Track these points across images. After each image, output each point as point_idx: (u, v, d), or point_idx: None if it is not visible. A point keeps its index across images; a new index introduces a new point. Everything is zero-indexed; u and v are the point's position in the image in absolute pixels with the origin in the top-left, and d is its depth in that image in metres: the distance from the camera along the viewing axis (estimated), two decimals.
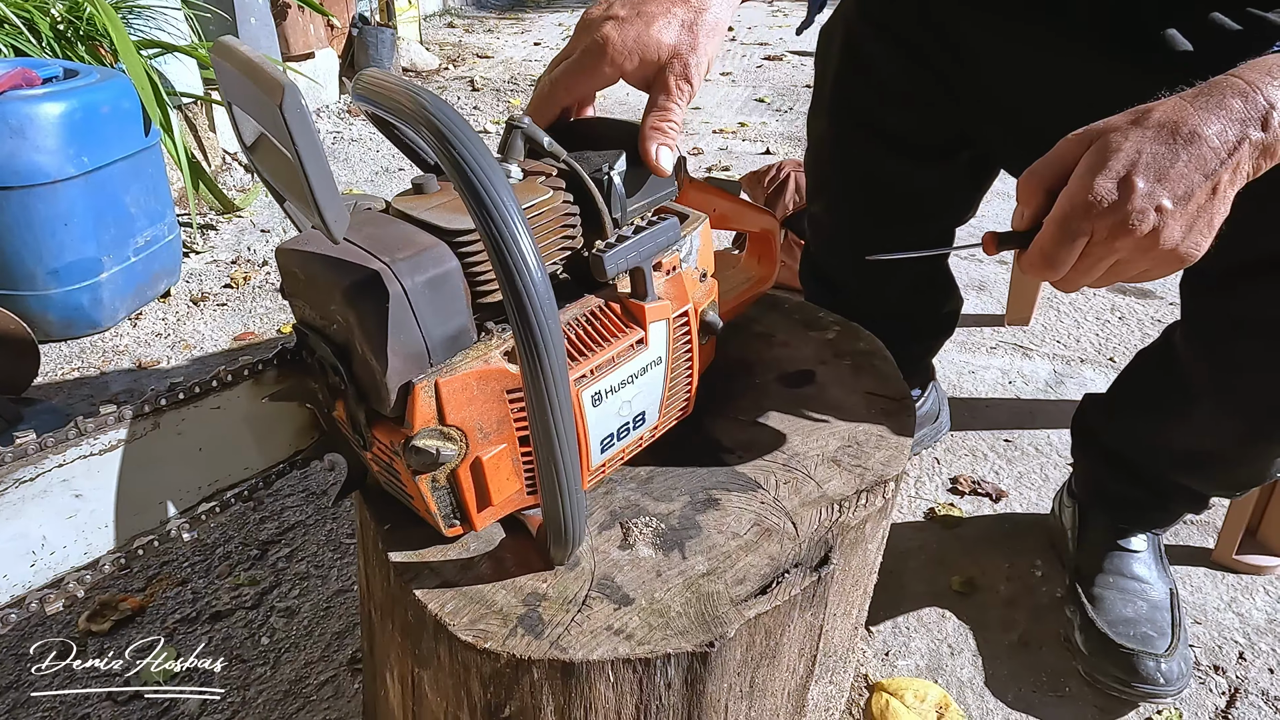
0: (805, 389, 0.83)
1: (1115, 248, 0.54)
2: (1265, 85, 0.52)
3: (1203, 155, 0.52)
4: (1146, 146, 0.52)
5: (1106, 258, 0.55)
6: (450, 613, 0.57)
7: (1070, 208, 0.53)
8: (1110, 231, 0.53)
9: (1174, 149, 0.52)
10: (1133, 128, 0.53)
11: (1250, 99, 0.52)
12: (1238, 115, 0.52)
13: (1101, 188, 0.52)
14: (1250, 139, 0.52)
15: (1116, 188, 0.52)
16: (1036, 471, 1.29)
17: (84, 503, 0.54)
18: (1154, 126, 0.53)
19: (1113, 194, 0.52)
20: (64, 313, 1.62)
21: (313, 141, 0.46)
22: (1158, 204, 0.52)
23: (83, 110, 1.53)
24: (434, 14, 5.25)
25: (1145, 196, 0.52)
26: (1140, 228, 0.52)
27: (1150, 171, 0.52)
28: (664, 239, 0.66)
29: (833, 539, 0.65)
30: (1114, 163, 0.52)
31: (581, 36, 0.66)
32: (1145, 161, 0.52)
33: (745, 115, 3.39)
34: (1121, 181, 0.52)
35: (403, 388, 0.53)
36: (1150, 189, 0.52)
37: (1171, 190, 0.52)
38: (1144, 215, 0.52)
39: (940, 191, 0.95)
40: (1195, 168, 0.52)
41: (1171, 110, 0.53)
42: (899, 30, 0.87)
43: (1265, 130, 0.52)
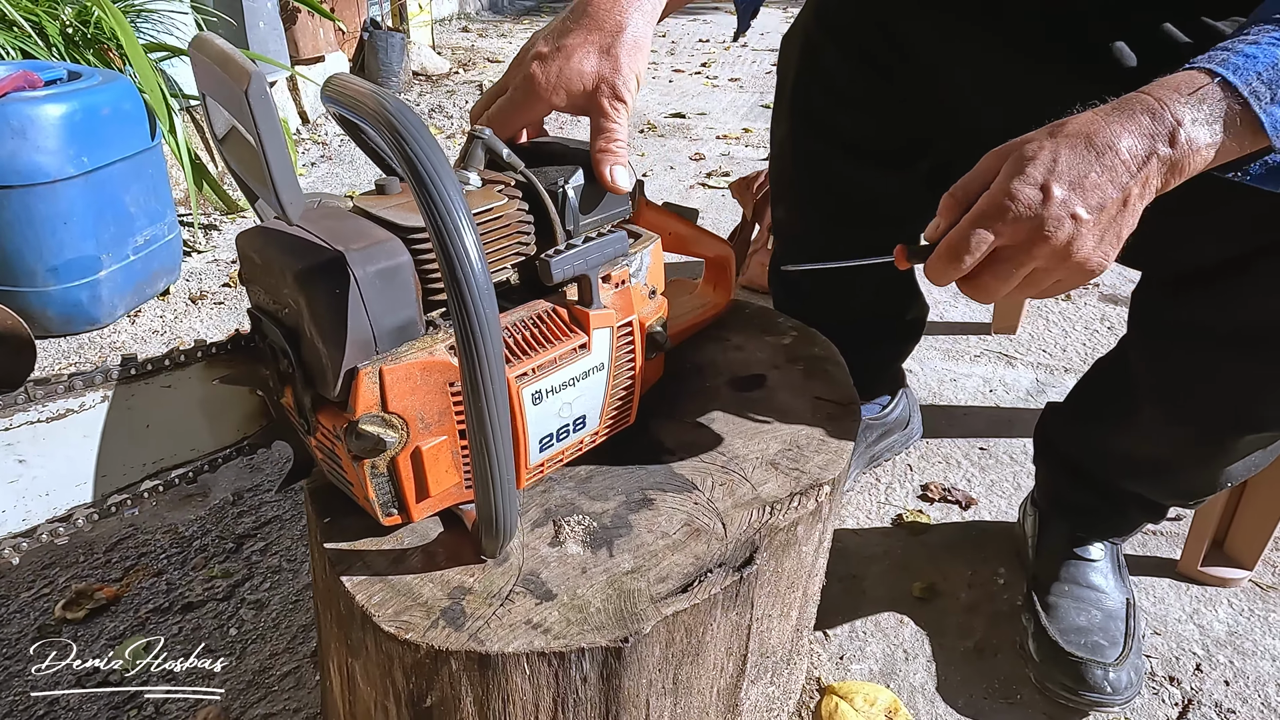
0: (754, 393, 0.84)
1: (1033, 255, 0.55)
2: (1173, 103, 0.53)
3: (1115, 167, 0.53)
4: (1063, 155, 0.53)
5: (1024, 264, 0.56)
6: (376, 604, 0.59)
7: (988, 207, 0.54)
8: (1028, 236, 0.54)
9: (1089, 159, 0.53)
10: (1049, 138, 0.55)
11: (1159, 116, 0.53)
12: (1147, 130, 0.53)
13: (1021, 192, 0.53)
14: (1159, 154, 0.53)
15: (1037, 193, 0.53)
16: (1009, 480, 1.29)
17: (27, 469, 0.57)
18: (1070, 136, 0.54)
19: (1033, 199, 0.53)
20: (63, 309, 1.66)
21: (274, 126, 0.49)
22: (1073, 212, 0.53)
23: (83, 112, 1.57)
24: (448, 18, 5.30)
25: (1061, 204, 0.53)
26: (1056, 235, 0.53)
27: (1067, 180, 0.53)
28: (610, 250, 0.68)
29: (760, 540, 0.66)
30: (1032, 170, 0.53)
31: (513, 74, 0.71)
32: (1062, 170, 0.53)
33: (750, 121, 3.41)
34: (1041, 188, 0.53)
35: (348, 373, 0.56)
36: (1066, 196, 0.53)
37: (1086, 200, 0.53)
38: (1060, 222, 0.53)
39: (899, 197, 0.96)
40: (1108, 179, 0.53)
41: (1086, 123, 0.55)
42: (853, 37, 0.88)
43: (1173, 146, 0.53)
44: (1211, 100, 0.52)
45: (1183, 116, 0.53)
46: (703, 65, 4.48)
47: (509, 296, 0.68)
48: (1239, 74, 0.52)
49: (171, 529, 1.19)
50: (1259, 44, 0.53)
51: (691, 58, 4.69)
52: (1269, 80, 0.51)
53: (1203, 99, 0.52)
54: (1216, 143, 0.53)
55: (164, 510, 1.22)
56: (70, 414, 0.58)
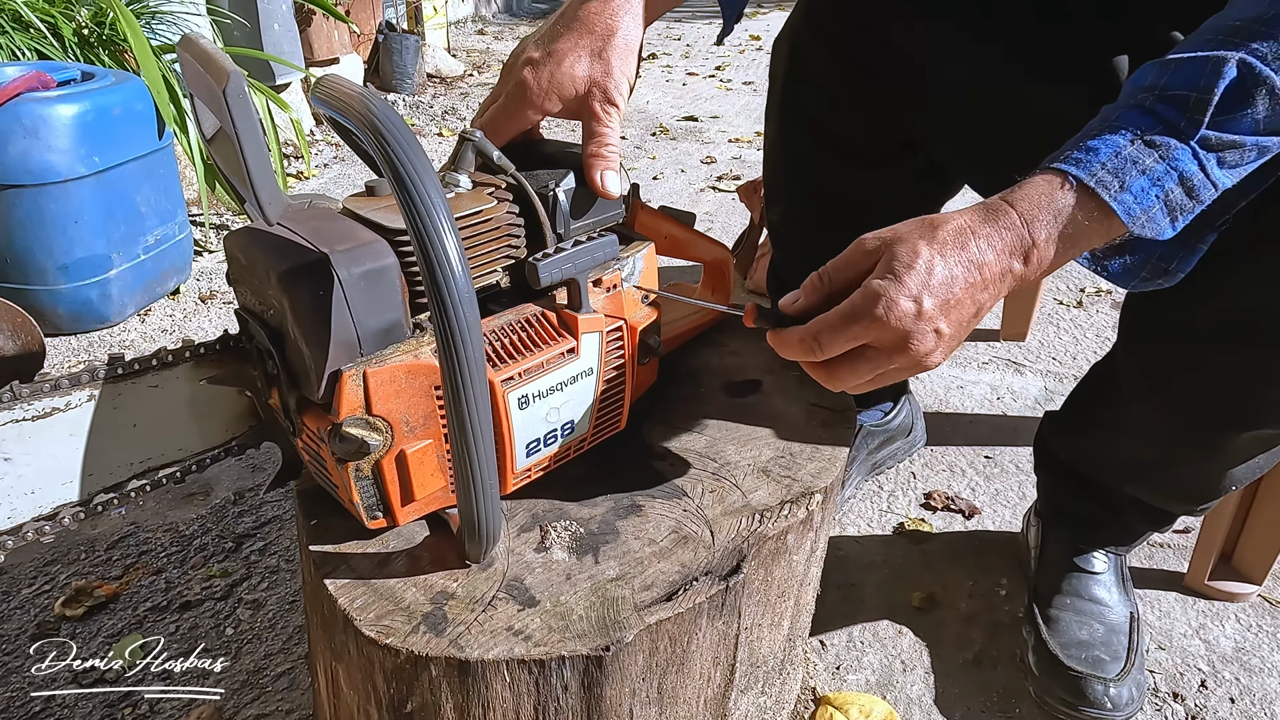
0: (748, 398, 0.83)
1: (892, 359, 0.56)
2: (1033, 222, 0.55)
3: (977, 284, 0.55)
4: (938, 267, 0.54)
5: (880, 366, 0.57)
6: (359, 608, 0.59)
7: (862, 309, 0.55)
8: (894, 345, 0.55)
9: (958, 274, 0.55)
10: (925, 244, 0.55)
11: (1019, 233, 0.55)
12: (1009, 248, 0.55)
13: (898, 304, 0.54)
14: (1013, 271, 0.56)
15: (911, 305, 0.54)
16: (1014, 489, 1.27)
17: (12, 467, 0.57)
18: (945, 245, 0.55)
19: (907, 311, 0.53)
20: (73, 307, 1.67)
21: (252, 126, 0.49)
22: (937, 327, 0.55)
23: (95, 112, 1.58)
24: (462, 20, 5.32)
25: (929, 320, 0.54)
26: (919, 347, 0.55)
27: (939, 296, 0.54)
28: (600, 254, 0.68)
29: (748, 549, 0.65)
30: (909, 280, 0.54)
31: (505, 81, 0.71)
32: (935, 284, 0.54)
33: (763, 125, 3.39)
34: (914, 299, 0.54)
35: (331, 375, 0.56)
36: (935, 312, 0.54)
37: (949, 316, 0.55)
38: (925, 336, 0.55)
39: (890, 200, 0.95)
40: (970, 295, 0.55)
41: (960, 232, 0.55)
42: (839, 36, 0.87)
43: (1025, 264, 0.55)
44: (1068, 206, 0.54)
45: (1039, 235, 0.55)
46: (716, 68, 4.47)
47: (498, 300, 0.67)
48: (1083, 167, 0.54)
49: (172, 527, 1.19)
50: (1101, 136, 0.55)
51: (706, 60, 4.69)
52: (1113, 169, 0.54)
53: (1060, 211, 0.54)
54: (1068, 250, 0.56)
55: (165, 509, 1.23)
56: (56, 413, 0.58)
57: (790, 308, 0.60)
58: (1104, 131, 0.55)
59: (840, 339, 0.56)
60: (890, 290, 0.54)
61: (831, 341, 0.56)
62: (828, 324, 0.56)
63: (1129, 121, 0.55)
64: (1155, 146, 0.54)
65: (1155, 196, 0.54)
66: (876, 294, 0.54)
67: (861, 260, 0.58)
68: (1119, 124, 0.55)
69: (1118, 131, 0.55)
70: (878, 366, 0.57)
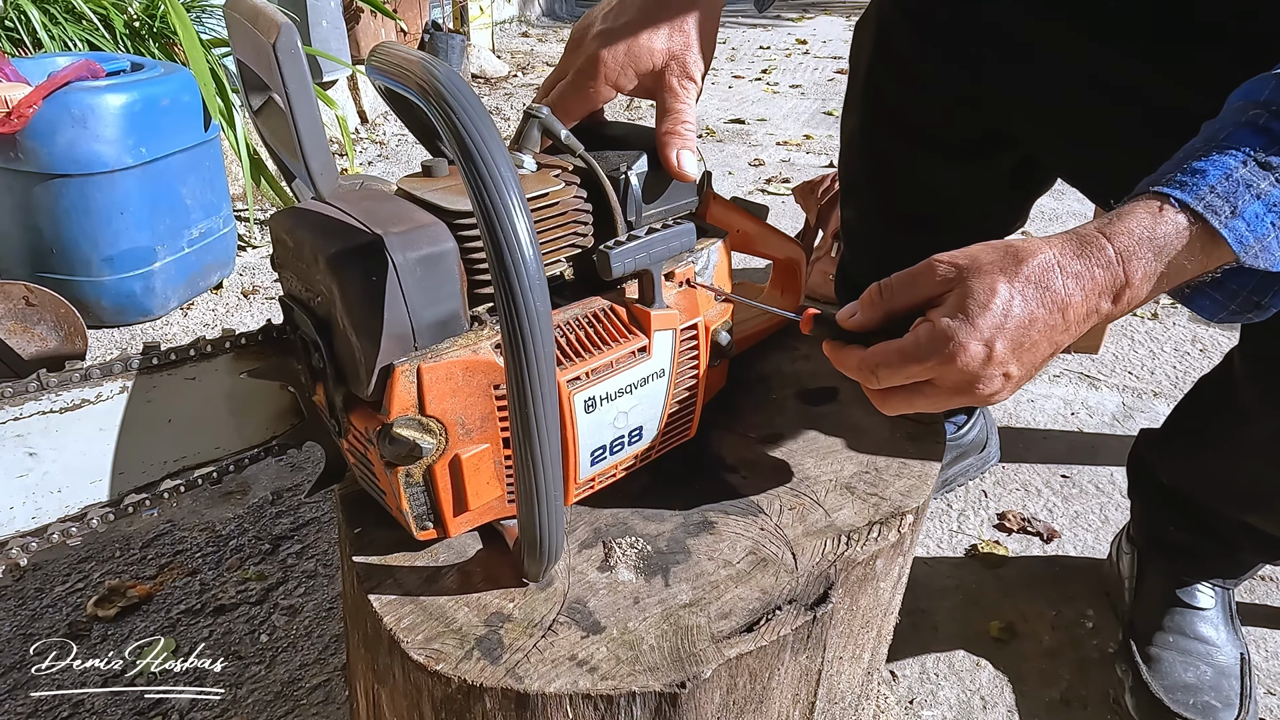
0: (825, 407, 0.76)
1: (954, 399, 0.53)
2: (1131, 259, 0.49)
3: (1059, 327, 0.50)
4: (1016, 309, 0.49)
5: (940, 402, 0.53)
6: (406, 628, 0.53)
7: (928, 348, 0.50)
8: (957, 388, 0.51)
9: (1038, 317, 0.50)
10: (1005, 280, 0.50)
11: (1114, 272, 0.50)
12: (1098, 288, 0.50)
13: (968, 348, 0.49)
14: (1099, 310, 0.51)
15: (981, 350, 0.49)
16: (1095, 512, 1.18)
17: (37, 462, 0.52)
18: (1028, 284, 0.50)
19: (976, 357, 0.49)
20: (116, 299, 1.65)
21: (304, 85, 0.44)
22: (1007, 371, 0.51)
23: (143, 103, 1.56)
24: (507, 21, 5.32)
25: (999, 364, 0.50)
26: (983, 390, 0.51)
27: (1012, 341, 0.50)
28: (676, 244, 0.62)
29: (835, 574, 0.58)
30: (982, 322, 0.49)
31: (572, 56, 0.66)
32: (1011, 328, 0.49)
33: (812, 128, 3.32)
34: (986, 344, 0.49)
35: (382, 370, 0.51)
36: (1006, 359, 0.50)
37: (1021, 360, 0.51)
38: (992, 380, 0.51)
39: (976, 194, 0.88)
40: (1048, 339, 0.51)
41: (1046, 269, 0.50)
42: (929, 15, 0.81)
43: (1115, 304, 0.51)
44: (1170, 235, 0.49)
45: (1135, 273, 0.50)
46: (763, 71, 4.40)
47: (562, 292, 0.61)
48: (1189, 191, 0.49)
49: (208, 527, 1.15)
50: (1209, 157, 0.50)
51: (752, 64, 4.62)
52: (1224, 193, 0.49)
53: (1161, 244, 0.49)
54: (1165, 284, 0.51)
55: (202, 507, 1.19)
56: (86, 405, 0.53)
57: (846, 323, 0.56)
58: (1211, 151, 0.50)
59: (899, 375, 0.52)
60: (960, 333, 0.49)
61: (890, 377, 0.53)
62: (887, 358, 0.52)
63: (1240, 141, 0.49)
64: (1272, 169, 0.48)
65: (1271, 224, 0.48)
66: (945, 335, 0.49)
67: (929, 286, 0.52)
68: (1229, 143, 0.50)
69: (1227, 152, 0.49)
70: (936, 404, 0.53)
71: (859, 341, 0.56)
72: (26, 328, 1.40)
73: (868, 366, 0.53)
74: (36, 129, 1.46)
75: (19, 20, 1.78)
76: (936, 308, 0.51)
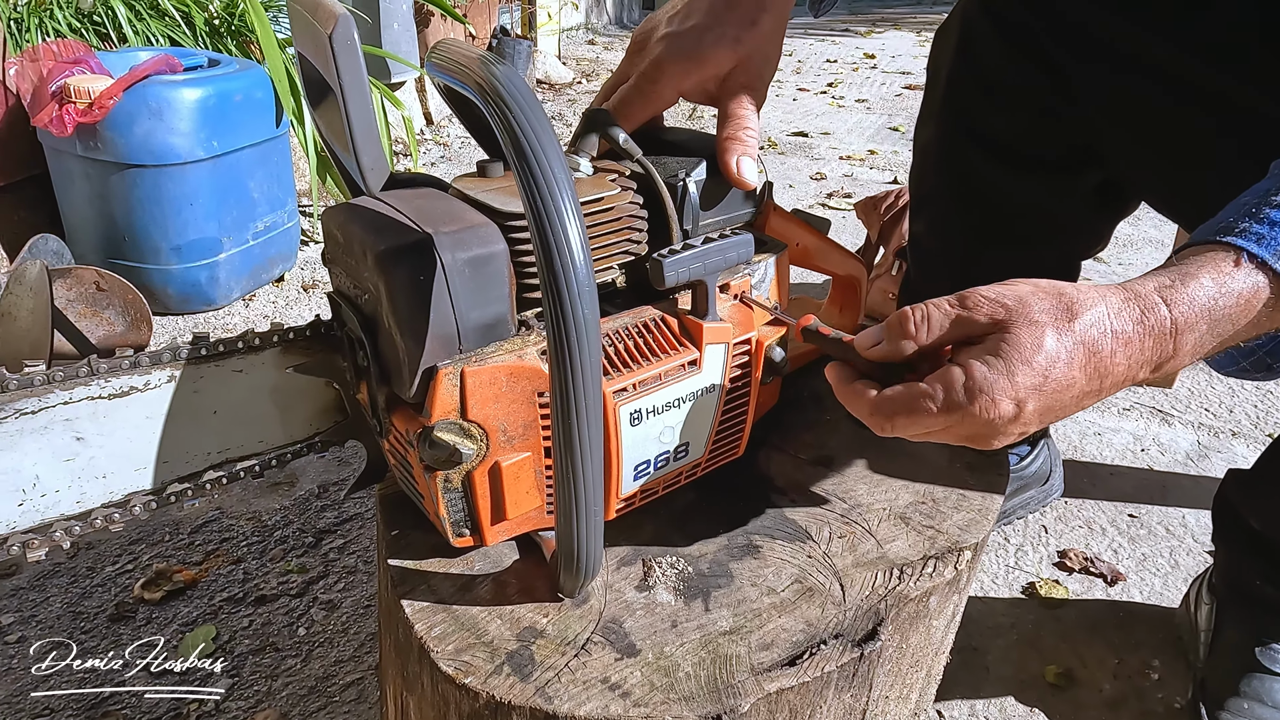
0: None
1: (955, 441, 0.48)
2: (1185, 331, 0.45)
3: (1092, 393, 0.46)
4: (1058, 370, 0.45)
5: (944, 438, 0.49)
6: (437, 637, 0.52)
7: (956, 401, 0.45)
8: (968, 437, 0.47)
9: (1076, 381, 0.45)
10: (1053, 333, 0.45)
11: (1163, 346, 0.46)
12: (1145, 359, 0.46)
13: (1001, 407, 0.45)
14: (1135, 379, 0.47)
15: (1011, 408, 0.45)
16: (1164, 555, 1.12)
17: (84, 447, 0.53)
18: (1077, 345, 0.45)
19: (1005, 414, 0.45)
20: (183, 288, 1.70)
21: (358, 78, 0.43)
22: (1024, 429, 0.47)
23: (217, 97, 1.61)
24: (575, 28, 5.36)
25: (1023, 424, 0.46)
26: (992, 444, 0.48)
27: (1044, 404, 0.45)
28: (733, 255, 0.60)
29: (885, 610, 0.55)
30: (1022, 379, 0.44)
31: (635, 60, 0.64)
32: (1049, 391, 0.45)
33: (877, 143, 3.26)
34: (1016, 404, 0.45)
35: (426, 372, 0.50)
36: (1031, 420, 0.46)
37: (1042, 420, 0.47)
38: (1007, 436, 0.47)
39: (1057, 213, 0.83)
40: (1079, 402, 0.47)
41: (1099, 332, 0.45)
42: (1021, 25, 0.77)
43: (1153, 373, 0.47)
44: (1233, 295, 0.45)
45: (1184, 346, 0.46)
46: (829, 85, 4.35)
47: (613, 300, 0.60)
48: (1267, 245, 0.45)
49: (255, 516, 1.16)
50: None
51: (818, 77, 4.57)
52: None
53: (1220, 309, 0.45)
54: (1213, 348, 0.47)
55: (250, 496, 1.20)
56: (134, 392, 0.54)
57: (867, 352, 0.50)
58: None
59: (918, 425, 0.47)
60: (996, 389, 0.44)
61: (906, 426, 0.48)
62: (908, 409, 0.47)
63: None
64: None
65: None
66: (979, 389, 0.45)
67: (970, 326, 0.47)
68: None
69: None
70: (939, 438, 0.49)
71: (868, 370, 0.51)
72: (96, 312, 1.44)
73: (883, 414, 0.48)
74: (116, 120, 1.51)
75: (106, 16, 1.85)
76: (971, 346, 0.47)
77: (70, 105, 1.50)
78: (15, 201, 1.73)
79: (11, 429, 0.50)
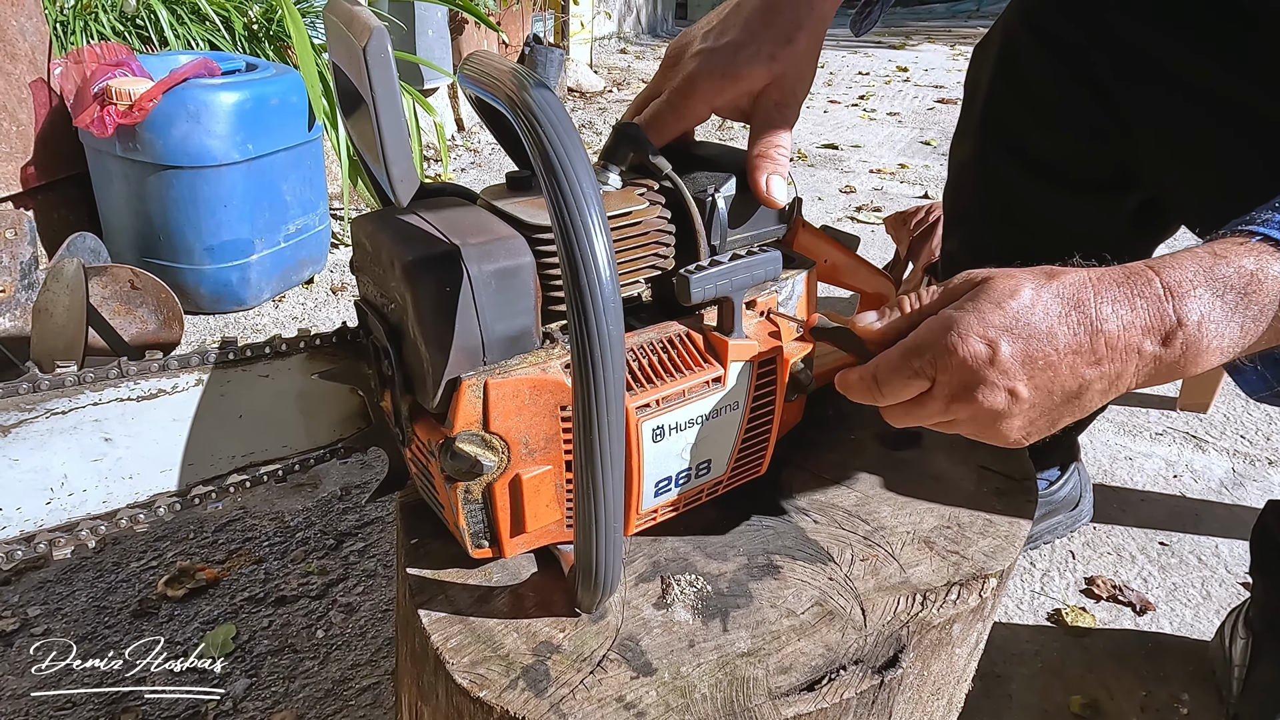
0: (907, 452, 0.72)
1: (952, 410, 0.47)
2: (1182, 297, 0.44)
3: (1087, 352, 0.44)
4: (1035, 315, 0.44)
5: (940, 415, 0.48)
6: (453, 648, 0.52)
7: (927, 339, 0.46)
8: (952, 392, 0.46)
9: (1058, 332, 0.44)
10: (1029, 283, 0.45)
11: (1158, 309, 0.44)
12: (1140, 321, 0.44)
13: (970, 342, 0.44)
14: (1142, 352, 0.44)
15: (983, 348, 0.44)
16: (1196, 585, 1.09)
17: (112, 448, 0.53)
18: (1054, 296, 0.44)
19: (976, 353, 0.44)
20: (214, 288, 1.72)
21: (391, 91, 0.44)
22: (1012, 386, 0.45)
23: (253, 101, 1.63)
24: (607, 37, 5.39)
25: (1003, 373, 0.44)
26: (983, 402, 0.46)
27: (1022, 349, 0.44)
28: (760, 272, 0.59)
29: (907, 636, 0.54)
30: (992, 314, 0.44)
31: (668, 74, 0.64)
32: (1023, 331, 0.44)
33: (908, 157, 3.23)
34: (989, 343, 0.44)
35: (449, 382, 0.50)
36: (1012, 368, 0.44)
37: (1033, 378, 0.45)
38: (994, 391, 0.45)
39: (1096, 233, 0.82)
40: (1071, 365, 0.45)
41: (1081, 285, 0.45)
42: (1067, 43, 0.75)
43: (1166, 346, 0.44)
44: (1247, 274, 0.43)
45: (1189, 314, 0.43)
46: (860, 98, 4.33)
47: (638, 314, 0.59)
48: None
49: (278, 516, 1.17)
50: None
51: (849, 89, 4.55)
52: None
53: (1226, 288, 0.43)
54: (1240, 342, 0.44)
55: (274, 496, 1.21)
56: (162, 395, 0.54)
57: (868, 330, 0.51)
58: None
59: (900, 377, 0.47)
60: (963, 323, 0.44)
61: (890, 380, 0.48)
62: (888, 360, 0.48)
63: None
64: None
65: None
66: (948, 323, 0.45)
67: (952, 292, 0.48)
68: None
69: None
70: (936, 412, 0.48)
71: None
72: (130, 309, 1.46)
73: (869, 376, 0.49)
74: (155, 122, 1.54)
75: (149, 19, 1.88)
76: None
77: (111, 107, 1.53)
78: (56, 200, 1.77)
79: (42, 428, 0.51)
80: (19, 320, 1.43)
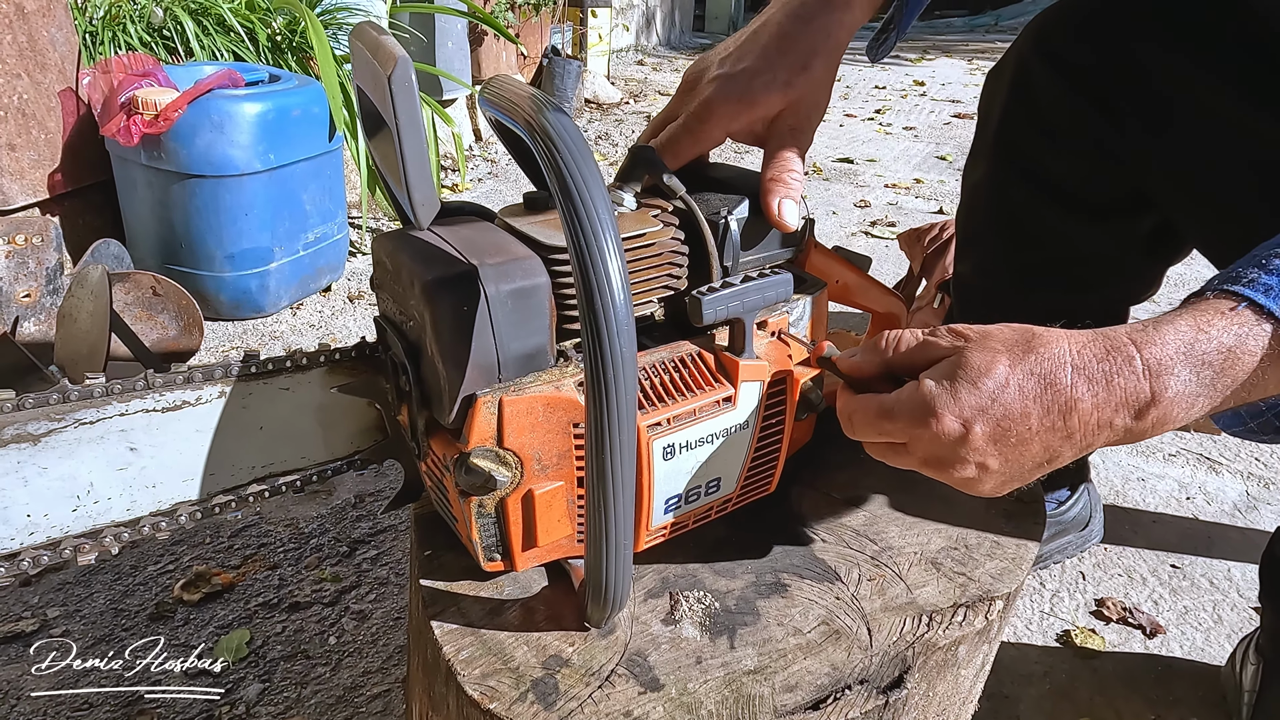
0: (916, 473, 0.72)
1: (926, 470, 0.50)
2: (1162, 376, 0.44)
3: (1057, 431, 0.45)
4: (1009, 395, 0.45)
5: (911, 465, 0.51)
6: (464, 660, 0.53)
7: (902, 408, 0.48)
8: (927, 459, 0.49)
9: (1031, 411, 0.45)
10: (1005, 360, 0.45)
11: (1134, 386, 0.44)
12: (1115, 399, 0.45)
13: (945, 423, 0.46)
14: (1114, 425, 0.45)
15: (957, 427, 0.45)
16: (1207, 609, 1.09)
17: (137, 457, 0.55)
18: (1028, 375, 0.45)
19: (950, 432, 0.46)
20: (234, 295, 1.75)
21: (414, 118, 0.45)
22: (983, 461, 0.47)
23: (276, 112, 1.66)
24: (624, 49, 5.42)
25: (975, 451, 0.46)
26: (954, 473, 0.48)
27: (994, 429, 0.45)
28: (771, 294, 0.60)
29: (913, 657, 0.55)
30: (967, 396, 0.45)
31: (685, 98, 0.65)
32: (996, 415, 0.45)
33: (923, 172, 3.24)
34: (964, 423, 0.45)
35: (465, 399, 0.51)
36: (983, 447, 0.46)
37: (1005, 456, 0.46)
38: (965, 465, 0.47)
39: (1109, 256, 0.82)
40: (1044, 441, 0.46)
41: (1056, 364, 0.45)
42: (1079, 67, 0.76)
43: (1139, 420, 0.45)
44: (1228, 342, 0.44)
45: (1166, 389, 0.44)
46: (876, 111, 4.34)
47: (651, 334, 0.61)
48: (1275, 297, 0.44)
49: (293, 523, 1.19)
50: None
51: (866, 103, 4.56)
52: None
53: (1204, 364, 0.44)
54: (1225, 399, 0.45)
55: (289, 503, 1.23)
56: (186, 406, 0.56)
57: (843, 364, 0.54)
58: None
59: (872, 430, 0.50)
60: (939, 402, 0.46)
61: (863, 429, 0.51)
62: (864, 410, 0.51)
63: None
64: None
65: None
66: (924, 400, 0.46)
67: (933, 349, 0.49)
68: None
69: None
70: (909, 466, 0.51)
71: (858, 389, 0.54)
72: (151, 315, 1.49)
73: (845, 413, 0.52)
74: (179, 131, 1.57)
75: (175, 31, 1.92)
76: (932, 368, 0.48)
77: (137, 116, 1.56)
78: (82, 207, 1.80)
79: (70, 438, 0.52)
80: (44, 325, 1.45)
